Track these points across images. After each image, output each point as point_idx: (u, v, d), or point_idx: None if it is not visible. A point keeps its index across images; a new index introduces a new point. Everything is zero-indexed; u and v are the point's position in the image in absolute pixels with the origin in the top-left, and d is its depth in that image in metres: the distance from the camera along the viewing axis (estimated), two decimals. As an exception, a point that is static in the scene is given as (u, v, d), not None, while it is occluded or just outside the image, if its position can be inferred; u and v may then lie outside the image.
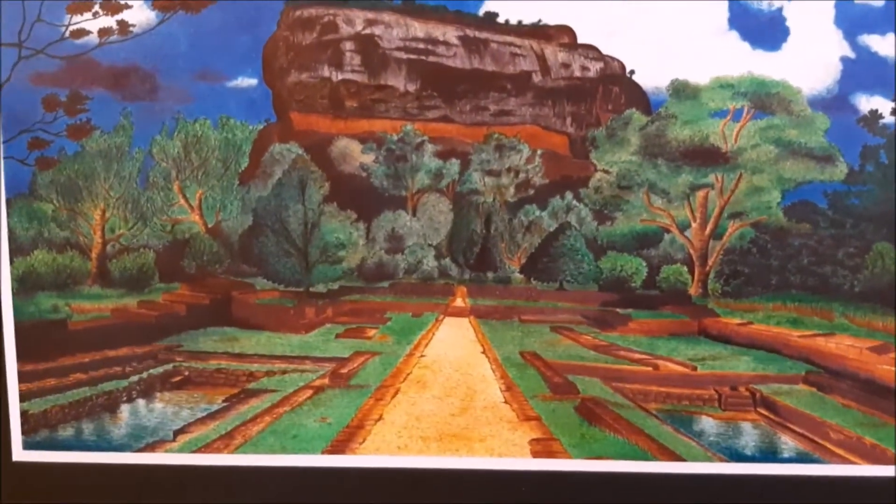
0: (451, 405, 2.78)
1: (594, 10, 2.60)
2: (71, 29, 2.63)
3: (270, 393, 2.88)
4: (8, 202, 2.76)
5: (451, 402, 2.80)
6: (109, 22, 2.64)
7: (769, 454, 2.67)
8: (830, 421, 2.64)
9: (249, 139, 2.95)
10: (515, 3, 2.75)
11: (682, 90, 2.73)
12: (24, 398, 2.78)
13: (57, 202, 2.85)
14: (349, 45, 2.92)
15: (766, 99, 2.72)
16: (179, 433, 2.76)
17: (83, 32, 2.63)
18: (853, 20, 2.53)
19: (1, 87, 2.62)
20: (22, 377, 2.78)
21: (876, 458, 2.57)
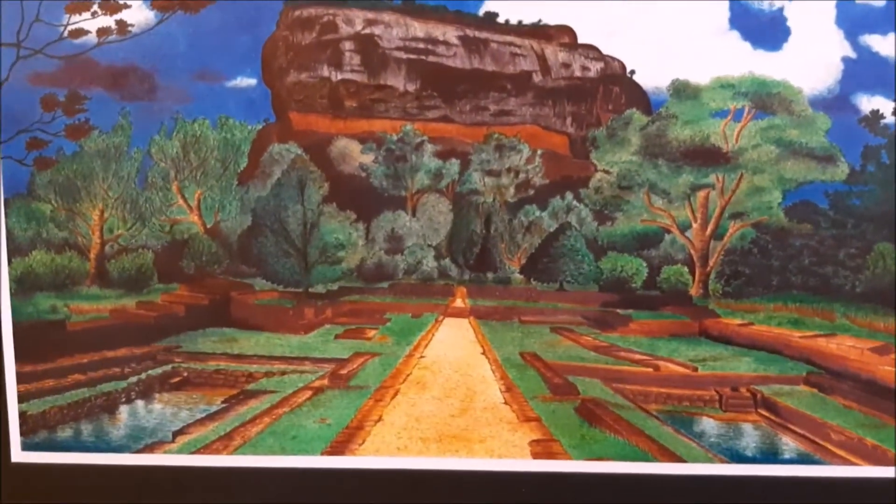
0: (450, 406, 2.78)
1: (594, 9, 2.60)
2: (69, 29, 2.63)
3: (270, 394, 2.88)
4: (6, 202, 2.76)
5: (450, 403, 2.79)
6: (108, 22, 2.63)
7: (770, 455, 2.67)
8: (831, 422, 2.63)
9: (248, 139, 2.94)
10: (515, 2, 2.74)
11: (682, 90, 2.73)
12: (22, 399, 2.78)
13: (55, 202, 2.85)
14: (349, 44, 2.91)
15: (767, 99, 2.71)
16: (178, 434, 2.75)
17: (82, 32, 2.63)
18: (854, 20, 2.53)
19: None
20: (20, 378, 2.77)
21: (877, 459, 2.57)
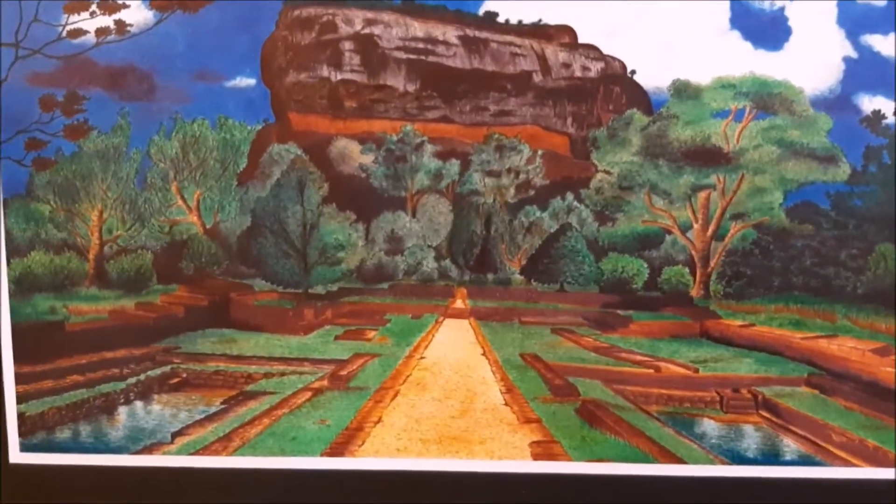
0: (450, 407, 2.77)
1: (595, 9, 2.59)
2: (68, 29, 2.62)
3: (269, 395, 2.87)
4: (5, 203, 2.76)
5: (450, 404, 2.79)
6: (107, 21, 2.63)
7: (771, 457, 2.66)
8: (833, 423, 2.63)
9: (248, 139, 2.94)
10: (516, 2, 2.74)
11: (683, 90, 2.72)
12: (21, 400, 2.78)
13: (54, 203, 2.84)
14: (348, 44, 2.91)
15: (768, 99, 2.71)
16: (177, 435, 2.75)
17: (80, 32, 2.63)
18: (855, 20, 2.52)
19: (-2, 87, 2.62)
20: (19, 379, 2.77)
21: (878, 460, 2.56)
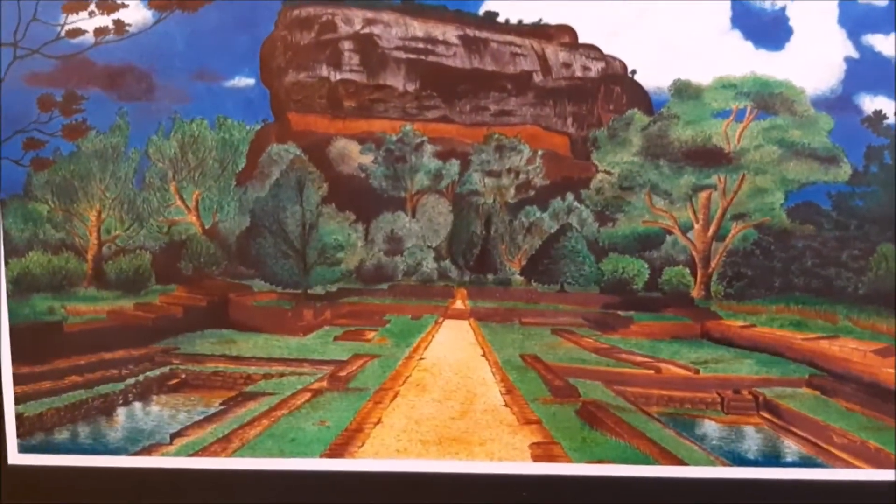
0: (450, 408, 2.77)
1: (595, 9, 2.59)
2: (67, 28, 2.62)
3: (268, 396, 2.87)
4: (3, 203, 2.77)
5: (450, 405, 2.78)
6: (105, 21, 2.63)
7: (772, 458, 2.66)
8: (834, 425, 2.62)
9: (247, 139, 2.93)
10: (516, 2, 2.73)
11: (684, 90, 2.71)
12: (19, 401, 2.78)
13: (52, 203, 2.84)
14: (348, 44, 2.90)
15: (769, 99, 2.70)
16: (176, 436, 2.75)
17: (79, 32, 2.63)
18: (856, 20, 2.52)
19: (-3, 87, 2.61)
20: (17, 380, 2.77)
21: (880, 462, 2.55)
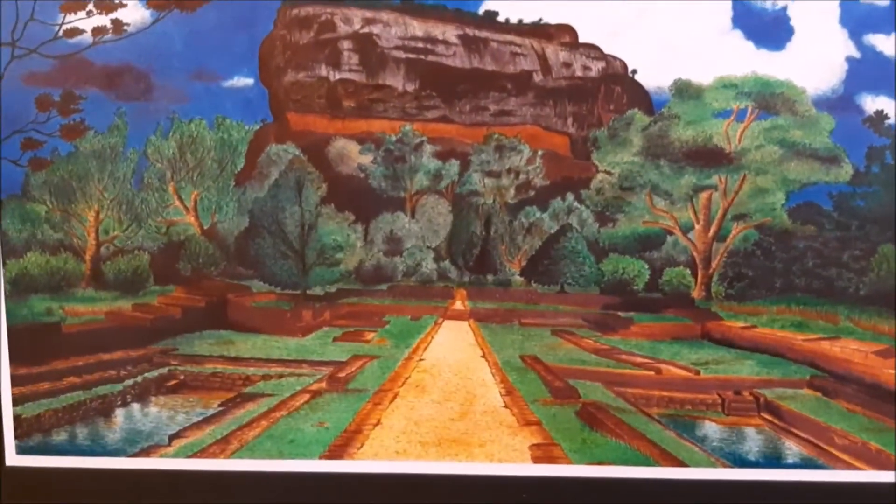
0: (450, 410, 2.76)
1: (596, 8, 2.58)
2: (64, 28, 2.62)
3: (267, 397, 2.86)
4: (0, 203, 2.76)
5: (450, 406, 2.78)
6: (103, 21, 2.62)
7: (773, 459, 2.65)
8: (835, 426, 2.62)
9: (245, 140, 2.93)
10: (516, 1, 2.73)
11: (685, 90, 2.71)
12: (17, 402, 2.78)
13: (50, 203, 2.84)
14: (347, 44, 2.89)
15: (770, 99, 2.69)
16: (175, 438, 2.74)
17: (77, 31, 2.62)
18: (858, 20, 2.51)
19: (-6, 87, 2.61)
20: (15, 381, 2.77)
21: (881, 463, 2.55)
